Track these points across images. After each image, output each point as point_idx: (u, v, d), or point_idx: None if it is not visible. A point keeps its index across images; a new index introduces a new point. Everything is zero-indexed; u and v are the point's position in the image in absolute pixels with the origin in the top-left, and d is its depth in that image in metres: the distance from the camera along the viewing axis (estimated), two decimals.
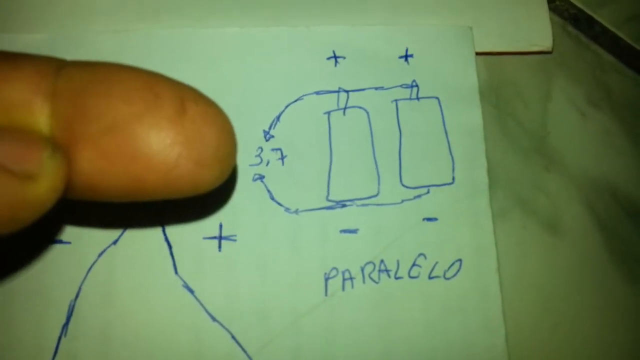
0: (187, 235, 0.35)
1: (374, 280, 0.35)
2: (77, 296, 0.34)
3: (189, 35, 0.38)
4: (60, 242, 0.35)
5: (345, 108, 0.37)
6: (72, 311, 0.34)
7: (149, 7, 0.40)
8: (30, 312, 0.34)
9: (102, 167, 0.24)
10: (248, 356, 0.34)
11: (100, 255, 0.35)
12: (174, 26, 0.39)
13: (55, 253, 0.35)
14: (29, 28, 0.39)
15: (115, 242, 0.35)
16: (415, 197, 0.36)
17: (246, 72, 0.38)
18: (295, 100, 0.38)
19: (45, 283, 0.34)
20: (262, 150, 0.37)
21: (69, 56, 0.38)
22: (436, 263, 0.35)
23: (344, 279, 0.35)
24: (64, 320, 0.34)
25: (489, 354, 0.34)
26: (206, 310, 0.34)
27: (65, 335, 0.34)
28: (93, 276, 0.35)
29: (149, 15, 0.40)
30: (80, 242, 0.35)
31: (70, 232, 0.35)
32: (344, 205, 0.36)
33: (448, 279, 0.35)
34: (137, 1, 0.40)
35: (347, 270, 0.35)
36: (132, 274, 0.35)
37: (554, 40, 0.40)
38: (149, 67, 0.38)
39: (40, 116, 0.24)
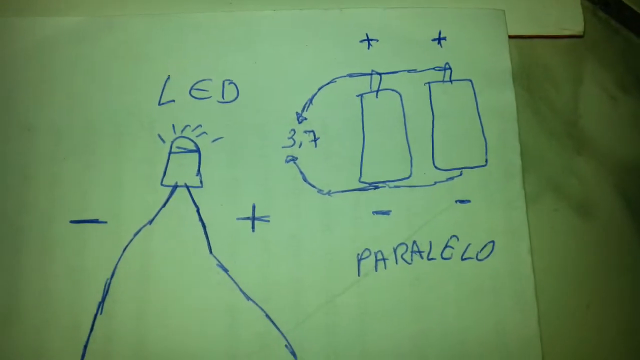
0: (221, 216, 0.36)
1: (406, 261, 0.35)
2: (112, 275, 0.35)
3: (222, 18, 0.39)
4: (97, 221, 0.35)
5: (377, 90, 0.38)
6: (107, 289, 0.34)
7: None
8: (67, 290, 0.34)
9: None
10: (282, 334, 0.34)
11: (135, 234, 0.35)
12: (206, 9, 0.39)
13: (91, 232, 0.35)
14: (62, 11, 0.39)
15: (150, 222, 0.35)
16: (447, 179, 0.36)
17: (279, 55, 0.38)
18: (328, 83, 0.38)
19: (81, 262, 0.35)
20: (294, 132, 0.37)
21: (101, 39, 0.38)
22: (469, 245, 0.35)
23: (376, 260, 0.35)
24: (100, 298, 0.34)
25: (522, 334, 0.34)
26: (240, 289, 0.35)
27: (101, 312, 0.34)
28: (128, 255, 0.35)
29: None
30: (116, 221, 0.35)
31: (106, 212, 0.35)
32: (376, 187, 0.36)
33: (481, 260, 0.35)
34: None
35: (380, 251, 0.35)
36: (167, 253, 0.35)
37: (584, 25, 0.40)
38: (181, 50, 0.38)
39: None
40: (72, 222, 0.35)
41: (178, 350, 0.34)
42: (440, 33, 0.38)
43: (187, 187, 0.36)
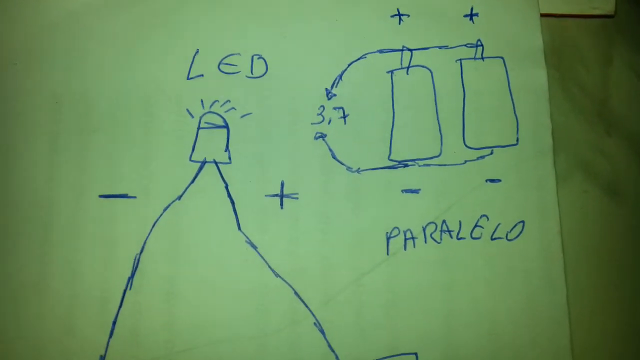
0: (250, 193, 0.35)
1: (435, 241, 0.35)
2: (142, 250, 0.34)
3: None
4: (126, 196, 0.35)
5: (408, 67, 0.37)
6: (137, 265, 0.34)
7: None
8: (96, 265, 0.34)
9: None
10: (310, 312, 0.34)
11: (165, 209, 0.35)
12: None
13: (121, 207, 0.35)
14: None
15: (179, 197, 0.35)
16: (478, 158, 0.36)
17: (308, 30, 0.37)
18: (358, 59, 0.37)
19: (111, 237, 0.35)
20: (324, 108, 0.37)
21: (130, 11, 0.37)
22: (499, 224, 0.35)
23: (405, 239, 0.35)
24: (129, 274, 0.34)
25: (551, 314, 0.34)
26: (269, 266, 0.35)
27: (130, 288, 0.34)
28: (158, 231, 0.35)
29: None
30: (146, 196, 0.35)
31: (135, 186, 0.35)
32: (406, 165, 0.36)
33: (510, 240, 0.35)
34: None
35: (409, 229, 0.35)
36: (196, 229, 0.35)
37: (615, 5, 0.39)
38: (210, 24, 0.37)
39: None
40: (101, 196, 0.35)
41: (207, 326, 0.34)
42: (472, 9, 0.38)
43: (216, 163, 0.36)
